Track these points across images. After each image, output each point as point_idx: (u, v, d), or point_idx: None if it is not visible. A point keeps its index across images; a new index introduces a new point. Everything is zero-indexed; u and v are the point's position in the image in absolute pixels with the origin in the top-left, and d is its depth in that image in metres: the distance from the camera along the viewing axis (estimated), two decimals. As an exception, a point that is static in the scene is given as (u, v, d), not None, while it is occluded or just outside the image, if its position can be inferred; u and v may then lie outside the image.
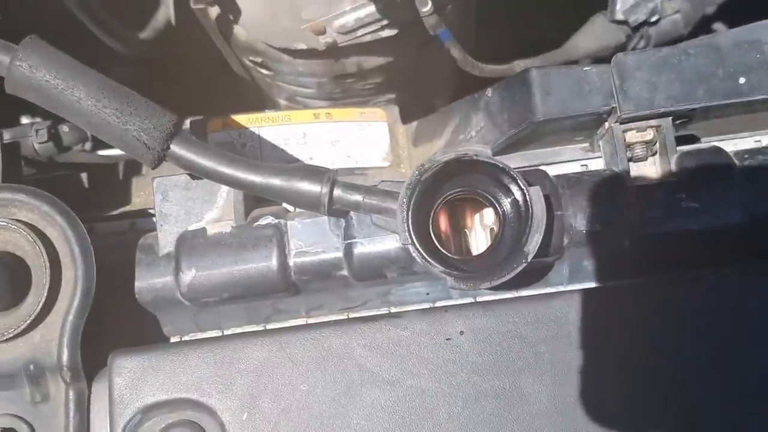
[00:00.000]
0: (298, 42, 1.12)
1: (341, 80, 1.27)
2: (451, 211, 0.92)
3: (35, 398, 0.84)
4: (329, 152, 1.11)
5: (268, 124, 1.10)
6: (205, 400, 0.84)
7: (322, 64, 1.21)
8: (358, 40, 1.12)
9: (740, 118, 0.95)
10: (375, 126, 1.14)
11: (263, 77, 1.31)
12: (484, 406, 0.82)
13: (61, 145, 1.06)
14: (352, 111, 1.15)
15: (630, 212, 0.87)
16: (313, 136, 1.11)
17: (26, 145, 1.04)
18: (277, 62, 1.22)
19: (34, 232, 0.82)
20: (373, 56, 1.22)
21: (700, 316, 0.84)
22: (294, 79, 1.27)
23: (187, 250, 0.90)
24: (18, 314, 0.83)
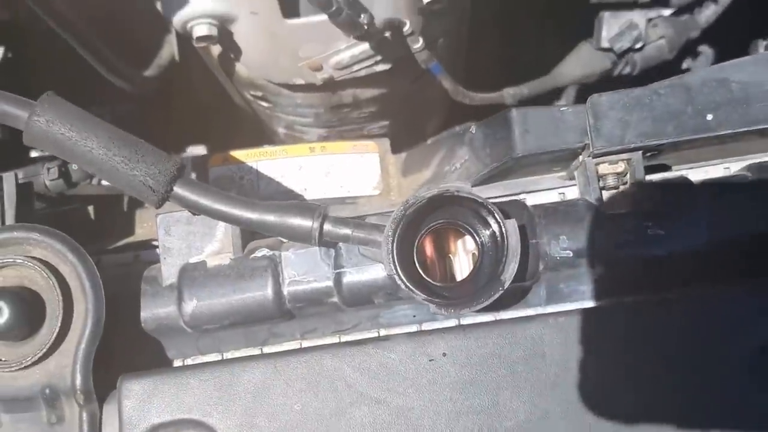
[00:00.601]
0: (297, 78, 1.19)
1: (337, 110, 1.34)
2: (436, 237, 0.99)
3: (51, 420, 0.91)
4: (323, 182, 1.18)
5: (266, 158, 1.18)
6: (207, 420, 0.91)
7: (319, 96, 1.27)
8: (353, 75, 1.19)
9: (710, 148, 1.02)
10: (366, 157, 1.22)
11: (263, 109, 1.38)
12: (466, 422, 0.89)
13: (70, 181, 1.13)
14: (346, 144, 1.22)
15: (601, 240, 0.94)
16: (308, 168, 1.19)
17: (38, 183, 1.11)
18: (277, 96, 1.29)
19: (48, 268, 0.90)
20: (368, 88, 1.29)
21: (667, 336, 0.91)
22: (293, 110, 1.34)
23: (188, 282, 0.97)
24: (34, 343, 0.90)
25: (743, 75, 0.92)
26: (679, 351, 0.90)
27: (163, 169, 0.86)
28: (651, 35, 1.58)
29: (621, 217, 0.94)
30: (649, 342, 0.91)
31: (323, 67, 1.16)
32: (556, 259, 0.95)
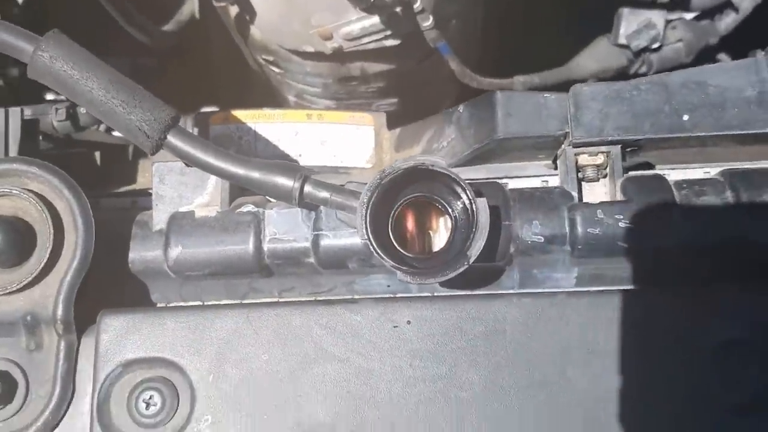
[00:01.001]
0: (307, 45, 1.22)
1: (346, 83, 1.37)
2: (418, 214, 1.03)
3: (30, 346, 0.97)
4: (318, 151, 1.22)
5: (265, 120, 1.22)
6: (178, 361, 0.96)
7: (328, 66, 1.31)
8: (362, 47, 1.22)
9: (690, 150, 1.05)
10: (362, 130, 1.25)
11: (275, 75, 1.42)
12: (422, 389, 0.93)
13: (78, 124, 1.18)
14: (342, 114, 1.26)
15: (572, 228, 0.97)
16: (304, 134, 1.23)
17: (46, 122, 1.17)
18: (287, 62, 1.32)
19: (43, 202, 0.95)
20: (376, 63, 1.32)
21: (630, 328, 0.93)
22: (302, 78, 1.37)
23: (176, 229, 1.02)
24: (21, 272, 0.96)
25: (722, 80, 0.95)
26: (640, 342, 0.93)
27: (158, 116, 0.91)
28: (669, 37, 1.58)
29: (594, 207, 0.97)
30: (611, 332, 0.93)
31: (333, 36, 1.19)
32: (527, 243, 0.98)
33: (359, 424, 0.93)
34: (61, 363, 0.96)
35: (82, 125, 1.20)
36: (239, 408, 0.94)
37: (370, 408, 0.93)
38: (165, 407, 0.95)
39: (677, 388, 0.92)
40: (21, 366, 0.97)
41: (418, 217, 1.03)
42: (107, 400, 0.96)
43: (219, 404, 0.95)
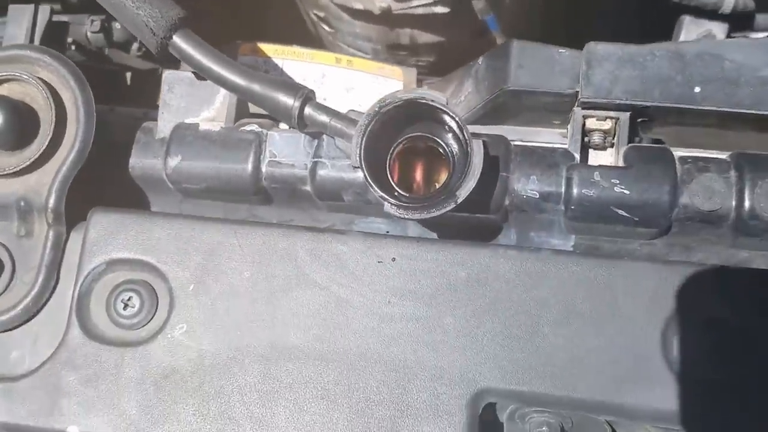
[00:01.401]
0: (356, 2, 1.22)
1: (395, 50, 1.37)
2: (427, 164, 1.03)
3: (20, 232, 0.99)
4: (343, 97, 1.23)
5: (293, 58, 1.23)
6: (161, 267, 0.97)
7: (377, 29, 1.31)
8: (411, 11, 1.22)
9: (708, 132, 1.03)
10: (390, 82, 1.26)
11: (326, 34, 1.42)
12: (397, 326, 0.93)
13: (111, 39, 1.20)
14: (372, 64, 1.26)
15: (568, 187, 0.96)
16: (331, 78, 1.23)
17: (80, 33, 1.19)
18: (338, 20, 1.33)
19: (50, 90, 0.97)
20: (426, 32, 1.32)
21: (613, 297, 0.92)
22: (352, 41, 1.38)
23: (178, 139, 1.03)
24: (20, 156, 0.97)
25: (739, 55, 0.93)
26: (618, 311, 0.92)
27: (165, 14, 0.92)
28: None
29: (592, 168, 0.96)
30: (591, 297, 0.92)
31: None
32: (522, 197, 0.98)
33: (330, 351, 0.93)
34: (48, 252, 0.98)
35: (116, 41, 1.22)
36: (215, 321, 0.95)
37: (343, 338, 0.93)
38: (143, 310, 0.96)
39: (649, 360, 0.90)
40: (9, 250, 0.99)
41: (426, 168, 1.03)
42: (88, 296, 0.97)
43: (196, 314, 0.95)
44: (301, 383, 0.92)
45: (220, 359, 0.94)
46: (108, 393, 0.94)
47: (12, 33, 1.07)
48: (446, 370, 0.92)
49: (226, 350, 0.94)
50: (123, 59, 1.32)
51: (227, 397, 0.93)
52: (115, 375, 0.94)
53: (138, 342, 0.95)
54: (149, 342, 0.95)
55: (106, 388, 0.94)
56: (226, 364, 0.94)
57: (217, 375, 0.93)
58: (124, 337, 0.96)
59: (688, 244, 1.00)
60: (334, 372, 0.92)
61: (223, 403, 0.93)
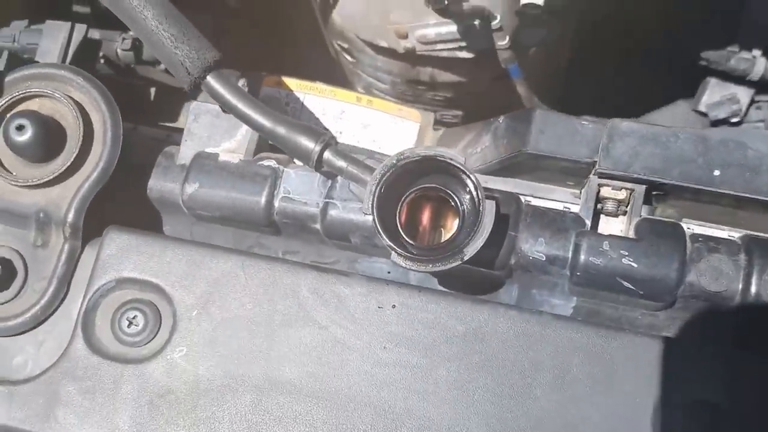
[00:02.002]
0: (382, 40, 1.25)
1: (414, 85, 1.39)
2: (435, 210, 1.05)
3: (37, 242, 1.02)
4: (359, 132, 1.25)
5: (315, 93, 1.26)
6: (168, 290, 1.00)
7: (398, 65, 1.33)
8: (435, 53, 1.25)
9: (720, 210, 1.04)
10: (407, 123, 1.28)
11: (347, 62, 1.46)
12: (390, 372, 0.95)
13: (140, 57, 1.24)
14: (391, 105, 1.28)
15: (576, 253, 0.97)
16: (349, 114, 1.26)
17: (111, 49, 1.23)
18: (361, 53, 1.35)
19: (79, 110, 1.01)
20: (447, 72, 1.33)
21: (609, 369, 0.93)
22: (372, 72, 1.40)
23: (197, 166, 1.06)
24: (45, 170, 1.01)
25: (763, 145, 0.94)
26: (610, 384, 0.92)
27: (201, 56, 0.95)
28: (752, 115, 1.58)
29: (602, 237, 0.97)
30: (587, 365, 0.93)
31: (408, 36, 1.22)
32: (528, 258, 0.99)
33: (322, 390, 0.95)
34: (62, 264, 1.01)
35: (144, 59, 1.26)
36: (214, 347, 0.97)
37: (336, 378, 0.95)
38: (145, 330, 0.99)
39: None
40: (24, 258, 1.02)
41: (434, 214, 1.05)
42: (94, 310, 1.00)
43: (196, 340, 0.98)
44: (290, 418, 0.94)
45: (214, 385, 0.96)
46: (104, 406, 0.97)
47: (46, 47, 1.11)
48: (434, 421, 0.93)
49: (222, 377, 0.96)
50: (149, 74, 1.35)
51: (218, 422, 0.95)
52: (112, 389, 0.97)
53: (138, 360, 0.98)
54: (149, 361, 0.98)
55: (102, 401, 0.97)
56: (220, 390, 0.96)
57: (211, 400, 0.96)
58: (125, 354, 0.99)
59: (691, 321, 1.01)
60: (324, 411, 0.94)
61: (212, 429, 0.95)
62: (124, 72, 1.27)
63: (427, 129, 1.30)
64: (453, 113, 1.50)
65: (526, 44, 1.28)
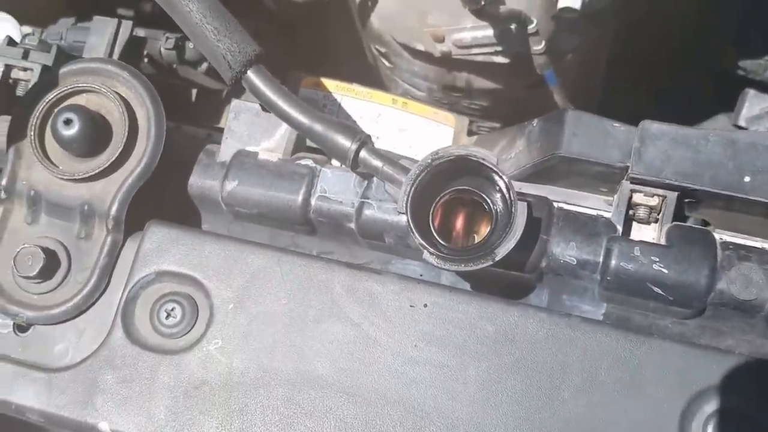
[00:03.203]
0: (418, 43, 1.27)
1: (450, 92, 1.41)
2: (469, 214, 1.07)
3: (80, 234, 1.06)
4: (395, 137, 1.27)
5: (352, 95, 1.28)
6: (206, 283, 1.03)
7: (435, 70, 1.35)
8: (471, 58, 1.26)
9: (754, 220, 1.04)
10: (442, 128, 1.30)
11: (384, 68, 1.48)
12: (420, 371, 0.97)
13: (183, 57, 1.27)
14: (427, 109, 1.30)
15: (607, 258, 0.99)
16: (386, 117, 1.28)
17: (155, 47, 1.26)
18: (398, 57, 1.37)
19: (125, 106, 1.05)
20: (482, 78, 1.35)
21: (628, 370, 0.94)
22: (409, 78, 1.42)
23: (237, 164, 1.10)
24: (90, 164, 1.05)
25: (793, 150, 0.95)
26: (639, 389, 0.94)
27: (243, 50, 0.98)
28: (793, 128, 1.57)
29: (633, 243, 0.98)
30: (617, 370, 0.94)
31: (445, 39, 1.23)
32: (559, 261, 1.00)
33: (353, 386, 0.97)
34: (104, 256, 1.04)
35: (187, 59, 1.29)
36: (249, 341, 1.00)
37: (367, 375, 0.97)
38: (183, 322, 1.02)
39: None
40: (68, 249, 1.06)
41: (468, 219, 1.07)
42: (134, 301, 1.03)
43: (231, 333, 1.01)
44: (321, 413, 0.97)
45: (248, 378, 0.99)
46: (141, 395, 1.00)
47: (93, 43, 1.15)
48: (463, 420, 0.95)
49: (255, 370, 0.99)
50: (190, 75, 1.38)
51: (250, 415, 0.98)
52: (149, 379, 1.00)
53: (175, 351, 1.01)
54: (185, 352, 1.01)
55: (139, 390, 1.00)
56: (254, 383, 0.99)
57: (244, 393, 0.98)
58: (162, 345, 1.02)
59: (720, 329, 1.02)
60: (354, 406, 0.96)
61: (245, 421, 0.98)
62: (167, 72, 1.30)
63: (462, 134, 1.32)
64: (489, 125, 1.51)
65: (562, 49, 1.29)
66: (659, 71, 1.75)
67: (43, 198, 1.06)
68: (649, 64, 1.71)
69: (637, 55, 1.63)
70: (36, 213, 1.07)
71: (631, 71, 1.64)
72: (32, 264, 1.03)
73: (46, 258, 1.03)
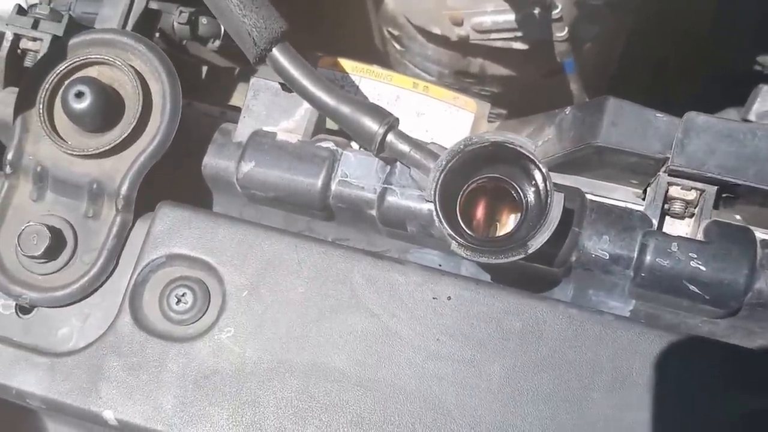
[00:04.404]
0: (435, 26, 1.23)
1: (462, 77, 1.37)
2: (491, 203, 1.03)
3: (88, 213, 1.01)
4: (413, 120, 1.23)
5: (370, 77, 1.24)
6: (219, 268, 0.98)
7: (449, 55, 1.31)
8: (489, 43, 1.23)
9: (791, 218, 1.01)
10: (462, 113, 1.26)
11: (395, 52, 1.44)
12: (441, 366, 0.93)
13: (196, 32, 1.22)
14: (448, 93, 1.26)
15: (642, 253, 0.95)
16: (404, 100, 1.24)
17: (167, 21, 1.21)
18: (411, 40, 1.34)
19: (140, 80, 1.00)
20: (498, 64, 1.31)
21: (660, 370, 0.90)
22: (420, 62, 1.38)
23: (254, 145, 1.05)
24: (101, 140, 1.00)
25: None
26: (673, 390, 0.90)
27: (269, 26, 0.93)
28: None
29: (671, 238, 0.95)
30: (648, 370, 0.90)
31: (464, 23, 1.20)
32: (590, 256, 0.96)
33: (370, 379, 0.93)
34: (112, 237, 1.00)
35: (200, 34, 1.24)
36: (262, 330, 0.96)
37: (386, 368, 0.93)
38: (194, 308, 0.98)
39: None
40: (75, 228, 1.01)
41: (489, 206, 1.03)
42: (143, 285, 0.99)
43: (244, 321, 0.96)
44: (337, 406, 0.93)
45: (261, 368, 0.95)
46: (148, 384, 0.95)
47: (107, 14, 1.10)
48: (485, 418, 0.91)
49: (269, 361, 0.95)
50: (201, 52, 1.34)
51: (263, 407, 0.94)
52: (157, 367, 0.96)
53: (184, 338, 0.97)
54: (195, 340, 0.97)
55: (147, 378, 0.96)
56: (267, 374, 0.94)
57: (256, 384, 0.94)
58: (171, 332, 0.98)
59: (752, 329, 0.98)
60: (372, 400, 0.92)
61: (257, 413, 0.94)
62: (177, 47, 1.25)
63: (482, 120, 1.28)
64: (498, 111, 1.48)
65: (583, 37, 1.26)
66: (666, 65, 1.73)
67: (50, 174, 1.01)
68: (659, 61, 1.68)
69: (648, 52, 1.60)
70: (42, 190, 1.02)
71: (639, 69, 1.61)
72: (37, 243, 0.98)
73: (51, 237, 0.98)
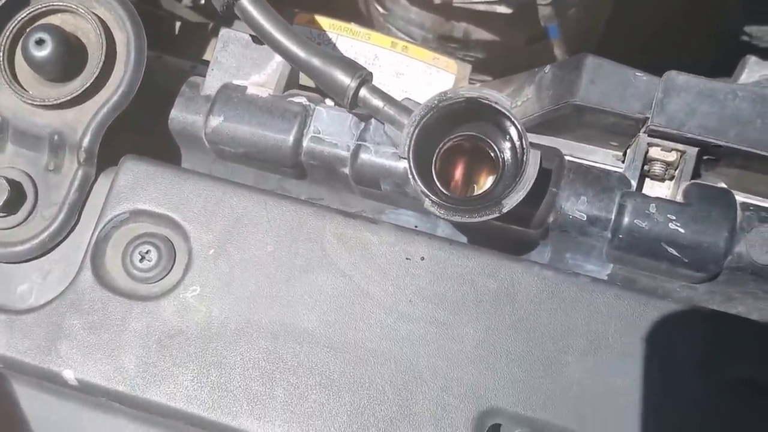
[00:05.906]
0: None
1: (445, 42, 1.35)
2: (468, 164, 1.00)
3: (49, 166, 0.98)
4: (391, 81, 1.21)
5: (348, 35, 1.21)
6: (185, 225, 0.95)
7: (432, 18, 1.29)
8: (473, 6, 1.20)
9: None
10: (442, 74, 1.23)
11: (378, 15, 1.41)
12: (414, 328, 0.90)
13: (167, -13, 1.19)
14: (427, 53, 1.24)
15: (620, 214, 0.93)
16: (383, 60, 1.21)
17: (139, -24, 1.17)
18: (394, 2, 1.30)
19: (103, 28, 0.96)
20: (481, 29, 1.29)
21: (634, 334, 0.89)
22: (403, 25, 1.36)
23: (223, 99, 1.02)
24: (62, 90, 0.96)
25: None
26: (648, 354, 0.88)
27: None
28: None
29: (649, 199, 0.93)
30: (623, 333, 0.89)
31: (446, -16, 1.17)
32: (567, 217, 0.94)
33: (341, 341, 0.91)
34: (74, 191, 0.97)
35: (172, -11, 1.21)
36: (229, 289, 0.93)
37: (357, 330, 0.91)
38: (158, 266, 0.95)
39: (674, 410, 0.86)
40: (35, 182, 0.98)
41: (467, 168, 1.00)
42: (106, 242, 0.96)
43: (211, 279, 0.94)
44: (305, 368, 0.91)
45: (227, 329, 0.92)
46: (110, 343, 0.93)
47: (73, -37, 1.05)
48: (457, 381, 0.89)
49: (236, 321, 0.92)
50: (173, 7, 1.30)
51: (229, 368, 0.91)
52: (120, 326, 0.93)
53: (148, 297, 0.94)
54: (160, 299, 0.94)
55: (108, 337, 0.93)
56: (234, 335, 0.92)
57: (222, 344, 0.92)
58: (135, 290, 0.95)
59: (731, 295, 0.97)
60: (342, 363, 0.90)
61: (223, 374, 0.91)
62: (151, 1, 1.21)
63: (463, 82, 1.26)
64: (481, 78, 1.46)
65: (567, 1, 1.24)
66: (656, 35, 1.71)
67: (10, 125, 0.98)
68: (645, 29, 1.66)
69: (635, 19, 1.58)
70: (2, 141, 0.98)
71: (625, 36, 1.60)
72: (-5, 196, 0.95)
73: (10, 190, 0.95)
